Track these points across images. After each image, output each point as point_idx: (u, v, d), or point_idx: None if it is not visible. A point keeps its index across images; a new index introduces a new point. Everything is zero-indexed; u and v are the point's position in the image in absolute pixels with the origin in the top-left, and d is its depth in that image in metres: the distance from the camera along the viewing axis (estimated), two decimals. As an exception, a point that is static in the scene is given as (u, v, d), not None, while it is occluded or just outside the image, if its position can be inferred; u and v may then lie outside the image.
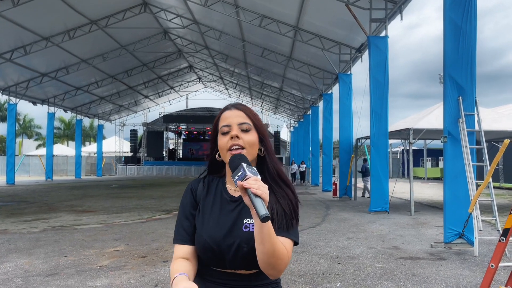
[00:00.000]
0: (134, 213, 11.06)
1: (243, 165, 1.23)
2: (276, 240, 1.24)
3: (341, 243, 7.17)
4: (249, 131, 1.40)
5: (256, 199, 1.15)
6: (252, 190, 1.15)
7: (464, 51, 6.74)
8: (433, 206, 13.39)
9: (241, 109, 1.43)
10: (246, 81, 30.49)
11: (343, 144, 16.32)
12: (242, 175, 1.21)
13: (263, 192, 1.16)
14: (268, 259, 1.24)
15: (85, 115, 34.88)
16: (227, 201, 1.43)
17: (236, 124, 1.39)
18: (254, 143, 1.40)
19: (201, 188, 1.48)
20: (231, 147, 1.36)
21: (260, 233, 1.21)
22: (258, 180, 1.19)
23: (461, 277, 5.04)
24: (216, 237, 1.35)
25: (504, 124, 11.44)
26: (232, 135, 1.37)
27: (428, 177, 34.25)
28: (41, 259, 5.86)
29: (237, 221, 1.38)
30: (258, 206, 1.14)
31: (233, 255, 1.34)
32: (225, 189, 1.46)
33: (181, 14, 19.49)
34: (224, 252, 1.34)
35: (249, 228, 1.35)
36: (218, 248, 1.34)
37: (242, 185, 1.17)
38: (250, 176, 1.19)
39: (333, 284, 4.75)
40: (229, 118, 1.41)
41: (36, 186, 23.64)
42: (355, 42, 15.75)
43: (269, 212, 1.15)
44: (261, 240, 1.22)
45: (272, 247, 1.22)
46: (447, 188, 6.90)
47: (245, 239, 1.34)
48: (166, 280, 4.84)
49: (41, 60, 21.50)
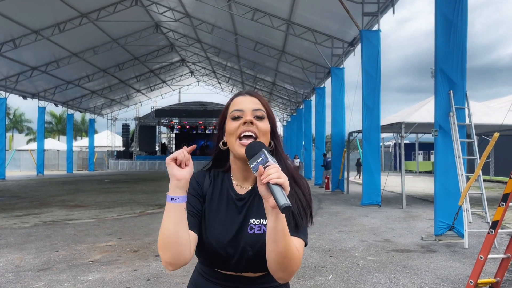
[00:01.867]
0: (127, 208, 11.02)
1: (264, 151, 1.12)
2: (290, 239, 1.15)
3: (333, 236, 7.22)
4: (263, 119, 1.29)
5: (276, 187, 1.04)
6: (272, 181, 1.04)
7: (455, 45, 6.77)
8: (425, 199, 13.52)
9: (255, 96, 1.34)
10: (239, 75, 30.40)
11: (335, 138, 16.37)
12: (262, 160, 1.09)
13: (284, 181, 1.05)
14: (281, 259, 1.14)
15: (76, 109, 34.57)
16: (232, 200, 1.33)
17: (250, 109, 1.28)
18: (267, 133, 1.29)
19: (207, 183, 1.37)
20: (242, 133, 1.25)
21: (274, 229, 1.10)
22: (279, 168, 1.08)
23: (451, 269, 5.11)
24: (222, 240, 1.27)
25: (494, 117, 11.55)
26: (246, 120, 1.25)
27: (419, 170, 34.53)
28: (32, 254, 5.83)
29: (243, 222, 1.29)
30: (279, 195, 1.02)
31: (237, 259, 1.26)
32: (231, 185, 1.35)
33: (173, 7, 19.33)
34: (229, 255, 1.27)
35: (254, 229, 1.27)
36: (224, 252, 1.26)
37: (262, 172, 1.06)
38: (271, 163, 1.08)
39: (325, 276, 4.79)
40: (242, 103, 1.30)
41: (27, 181, 23.45)
42: (347, 36, 15.75)
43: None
44: (274, 238, 1.11)
45: (286, 246, 1.12)
46: (438, 181, 6.97)
47: (250, 242, 1.25)
48: (159, 274, 4.84)
49: (31, 53, 21.22)
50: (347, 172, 15.52)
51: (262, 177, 1.06)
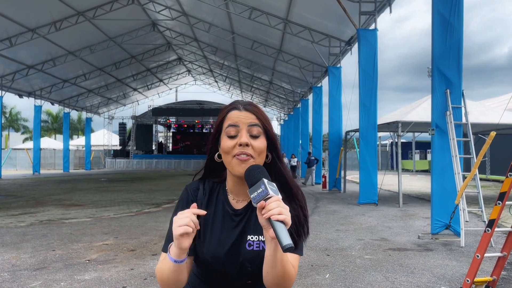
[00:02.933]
0: (123, 207, 11.00)
1: (264, 181, 1.08)
2: (287, 262, 1.15)
3: (330, 235, 7.22)
4: (259, 137, 1.24)
5: (278, 225, 1.01)
6: (273, 217, 1.01)
7: (451, 44, 6.79)
8: (421, 198, 13.56)
9: (251, 111, 1.27)
10: (236, 74, 30.37)
11: (332, 137, 16.39)
12: (262, 193, 1.06)
13: (286, 217, 1.02)
14: (278, 281, 1.15)
15: (72, 108, 34.45)
16: (229, 215, 1.30)
17: (245, 126, 1.24)
18: (263, 151, 1.25)
19: (201, 196, 1.33)
20: (238, 155, 1.21)
21: (273, 257, 1.11)
22: (280, 201, 1.05)
23: (447, 268, 5.12)
24: (218, 256, 1.25)
25: (490, 117, 11.58)
26: (241, 143, 1.21)
27: (416, 169, 34.62)
28: (28, 253, 5.81)
29: (240, 238, 1.27)
30: (282, 234, 1.00)
31: (237, 274, 1.25)
32: (226, 199, 1.32)
33: (170, 5, 19.28)
34: (227, 272, 1.26)
35: (253, 246, 1.25)
36: (221, 268, 1.26)
37: (262, 206, 1.04)
38: (272, 196, 1.05)
39: (322, 275, 4.79)
40: (237, 118, 1.25)
41: (23, 180, 23.35)
42: (344, 35, 15.76)
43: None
44: (272, 264, 1.12)
45: (283, 269, 1.13)
46: (434, 180, 6.99)
47: (249, 258, 1.24)
48: (155, 273, 4.83)
49: (27, 52, 21.13)
50: (344, 171, 15.55)
51: (263, 212, 1.04)
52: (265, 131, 1.27)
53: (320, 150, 20.37)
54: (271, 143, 1.28)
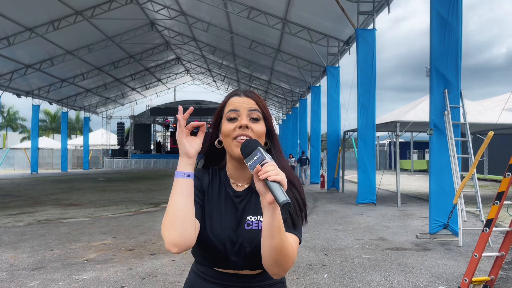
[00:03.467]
0: (122, 206, 10.98)
1: (260, 149, 1.12)
2: (285, 235, 1.16)
3: (328, 234, 7.23)
4: (259, 121, 1.30)
5: (274, 184, 1.05)
6: (270, 178, 1.05)
7: (450, 44, 6.80)
8: (419, 197, 13.58)
9: (251, 97, 1.33)
10: (234, 73, 30.35)
11: (331, 137, 16.40)
12: (259, 159, 1.10)
13: (282, 178, 1.06)
14: (276, 255, 1.15)
15: (71, 107, 34.39)
16: (230, 197, 1.34)
17: (246, 110, 1.29)
18: (263, 135, 1.30)
19: (206, 179, 1.38)
20: (238, 136, 1.25)
21: (270, 225, 1.11)
22: (275, 165, 1.09)
23: (445, 267, 5.13)
24: (222, 236, 1.27)
25: (489, 116, 11.61)
26: (242, 125, 1.25)
27: (414, 169, 34.67)
28: (26, 253, 5.80)
29: (240, 218, 1.30)
30: (277, 191, 1.03)
31: (236, 255, 1.27)
32: (228, 182, 1.36)
33: (168, 5, 19.25)
34: (227, 252, 1.27)
35: (252, 226, 1.28)
36: (223, 247, 1.27)
37: (259, 170, 1.07)
38: (268, 161, 1.09)
39: (320, 275, 4.79)
40: (238, 103, 1.30)
41: (21, 179, 23.30)
42: (343, 35, 15.77)
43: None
44: (270, 233, 1.13)
45: (281, 242, 1.14)
46: (432, 180, 7.00)
47: (248, 238, 1.26)
48: (154, 273, 4.83)
49: (25, 51, 21.07)
50: (342, 171, 15.56)
51: (260, 174, 1.07)
52: (264, 118, 1.32)
53: (319, 150, 20.38)
54: (269, 130, 1.33)
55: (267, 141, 1.34)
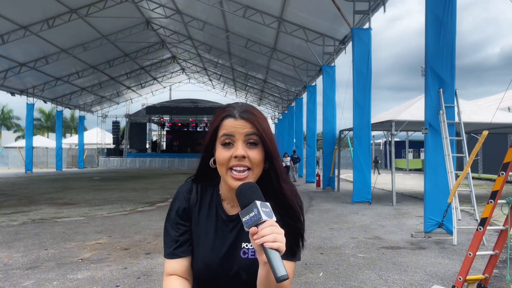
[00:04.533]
0: (117, 206, 10.95)
1: (257, 203, 1.01)
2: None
3: (324, 233, 7.24)
4: (257, 146, 1.16)
5: (272, 253, 0.96)
6: (267, 245, 0.97)
7: (445, 44, 6.82)
8: (414, 196, 13.63)
9: (247, 119, 1.17)
10: (230, 72, 30.32)
11: (326, 136, 16.43)
12: (255, 217, 1.00)
13: (280, 245, 0.97)
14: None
15: (65, 106, 34.21)
16: (222, 221, 1.25)
17: (242, 136, 1.16)
18: (261, 162, 1.17)
19: (193, 199, 1.28)
20: (234, 167, 1.15)
21: (266, 278, 1.06)
22: (273, 225, 0.99)
23: (440, 266, 5.15)
24: (211, 263, 1.21)
25: (483, 116, 11.67)
26: (237, 155, 1.14)
27: (410, 168, 34.81)
28: (20, 252, 5.76)
29: (234, 245, 1.22)
30: (275, 262, 0.94)
31: (232, 283, 1.20)
32: (220, 204, 1.27)
33: (164, 3, 19.19)
34: (220, 279, 1.21)
35: (248, 254, 1.21)
36: (214, 275, 1.21)
37: (254, 235, 0.99)
38: (265, 220, 0.99)
39: (316, 274, 4.80)
40: (233, 128, 1.17)
41: (15, 178, 23.17)
42: (338, 34, 15.79)
43: None
44: (266, 284, 1.08)
45: (277, 286, 1.08)
46: (427, 179, 7.02)
47: (244, 266, 1.20)
48: (149, 272, 4.82)
49: (19, 49, 20.95)
50: (338, 170, 15.59)
51: (255, 237, 0.99)
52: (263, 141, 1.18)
53: (314, 149, 20.41)
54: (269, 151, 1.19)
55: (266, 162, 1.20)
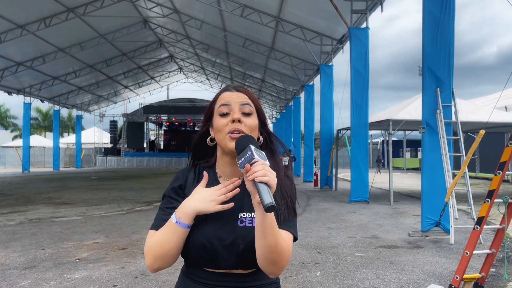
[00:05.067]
0: (114, 205, 10.93)
1: (251, 147, 1.11)
2: (279, 233, 1.14)
3: (321, 232, 7.25)
4: (251, 115, 1.28)
5: (261, 185, 1.04)
6: (257, 179, 1.05)
7: (442, 43, 6.83)
8: (412, 196, 13.66)
9: (242, 91, 1.31)
10: (228, 71, 30.30)
11: (324, 135, 16.44)
12: (249, 157, 1.09)
13: (270, 179, 1.05)
14: (270, 254, 1.13)
15: (63, 105, 34.09)
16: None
17: (237, 104, 1.27)
18: (256, 129, 1.28)
19: (191, 179, 1.35)
20: (231, 131, 1.23)
21: (263, 225, 1.10)
22: (265, 165, 1.08)
23: (437, 265, 5.17)
24: (209, 233, 1.23)
25: (480, 115, 11.69)
26: (234, 119, 1.24)
27: (407, 167, 34.88)
28: (18, 252, 5.75)
29: (232, 215, 1.25)
30: (264, 193, 1.03)
31: (228, 253, 1.22)
32: (216, 180, 1.32)
33: (161, 3, 19.15)
34: (217, 250, 1.22)
35: (245, 222, 1.24)
36: (211, 246, 1.22)
37: (248, 170, 1.07)
38: (257, 160, 1.08)
39: (313, 273, 4.81)
40: (229, 98, 1.28)
41: (12, 178, 23.10)
42: (336, 33, 15.80)
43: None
44: (262, 233, 1.11)
45: (275, 240, 1.12)
46: (424, 178, 7.04)
47: (241, 235, 1.22)
48: (147, 272, 4.81)
49: (16, 48, 20.86)
50: (336, 169, 15.61)
51: (248, 174, 1.07)
52: (256, 111, 1.31)
53: (312, 148, 20.42)
54: (262, 123, 1.33)
55: (260, 137, 1.32)
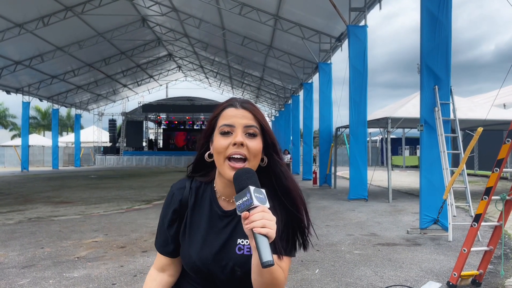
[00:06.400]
0: (113, 204, 10.93)
1: (250, 189, 1.01)
2: (276, 269, 1.10)
3: (320, 230, 7.26)
4: (255, 137, 1.18)
5: (260, 238, 0.97)
6: (256, 230, 0.97)
7: (440, 41, 6.84)
8: (410, 193, 13.69)
9: (248, 109, 1.20)
10: (226, 70, 30.28)
11: (323, 133, 16.46)
12: (247, 202, 1.00)
13: (269, 231, 0.97)
14: (266, 287, 1.11)
15: (61, 104, 34.05)
16: (218, 216, 1.24)
17: (241, 126, 1.17)
18: (259, 153, 1.18)
19: (186, 195, 1.28)
20: (232, 155, 1.14)
21: (259, 266, 1.03)
22: (265, 211, 1.00)
23: (435, 262, 5.19)
24: (205, 258, 1.20)
25: (478, 113, 11.71)
26: (236, 142, 1.14)
27: (406, 165, 34.91)
28: (16, 251, 5.75)
29: (230, 240, 1.21)
30: (262, 247, 0.95)
31: (225, 278, 1.20)
32: (215, 200, 1.26)
33: (160, 1, 19.11)
34: (215, 275, 1.20)
35: (243, 250, 1.20)
36: (208, 271, 1.20)
37: (246, 217, 1.00)
38: (257, 206, 0.99)
39: (312, 271, 4.82)
40: (233, 117, 1.18)
41: (11, 177, 23.09)
42: (334, 31, 15.80)
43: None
44: (259, 272, 1.08)
45: (271, 277, 1.08)
46: (423, 175, 7.06)
47: (239, 262, 1.19)
48: (145, 270, 4.82)
49: (14, 47, 20.83)
50: (335, 167, 15.63)
51: (246, 223, 1.00)
52: (263, 132, 1.20)
53: (311, 146, 20.43)
54: (268, 144, 1.21)
55: (264, 158, 1.22)
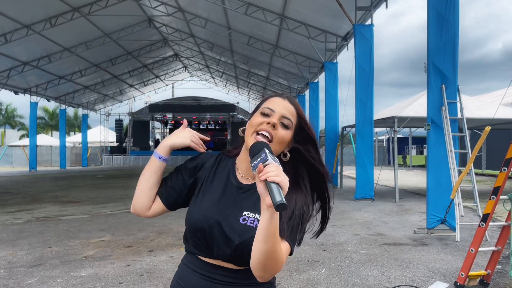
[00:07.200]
0: (120, 203, 10.99)
1: (266, 150, 1.10)
2: (279, 242, 1.13)
3: (326, 230, 7.23)
4: (287, 129, 1.28)
5: (273, 185, 1.02)
6: (270, 179, 1.02)
7: (447, 39, 6.80)
8: (417, 193, 13.61)
9: (292, 103, 1.31)
10: (232, 69, 30.31)
11: (329, 133, 16.41)
12: (262, 159, 1.08)
13: (282, 180, 1.03)
14: (266, 260, 1.13)
15: (69, 104, 34.28)
16: (232, 186, 1.32)
17: (280, 114, 1.27)
18: (284, 142, 1.27)
19: (210, 164, 1.39)
20: (261, 130, 1.24)
21: (266, 229, 1.09)
22: (279, 168, 1.06)
23: (442, 262, 5.16)
24: (210, 217, 1.26)
25: (486, 112, 11.61)
26: (270, 121, 1.25)
27: (413, 164, 34.71)
28: (25, 250, 5.81)
29: (236, 210, 1.27)
30: (274, 191, 1.01)
31: (222, 244, 1.24)
32: (233, 172, 1.35)
33: (166, 1, 19.17)
34: (213, 237, 1.25)
35: (247, 221, 1.25)
36: (209, 230, 1.25)
37: (260, 170, 1.05)
38: (271, 163, 1.06)
39: (318, 270, 4.81)
40: (277, 104, 1.29)
41: (19, 177, 23.29)
42: (340, 31, 15.74)
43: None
44: (264, 237, 1.10)
45: (273, 248, 1.11)
46: (430, 175, 7.02)
47: (239, 231, 1.23)
48: (152, 269, 4.84)
49: (22, 48, 20.99)
50: (341, 167, 15.58)
51: (261, 174, 1.05)
52: (296, 129, 1.31)
53: (317, 146, 20.39)
54: (306, 138, 1.32)
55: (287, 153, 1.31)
